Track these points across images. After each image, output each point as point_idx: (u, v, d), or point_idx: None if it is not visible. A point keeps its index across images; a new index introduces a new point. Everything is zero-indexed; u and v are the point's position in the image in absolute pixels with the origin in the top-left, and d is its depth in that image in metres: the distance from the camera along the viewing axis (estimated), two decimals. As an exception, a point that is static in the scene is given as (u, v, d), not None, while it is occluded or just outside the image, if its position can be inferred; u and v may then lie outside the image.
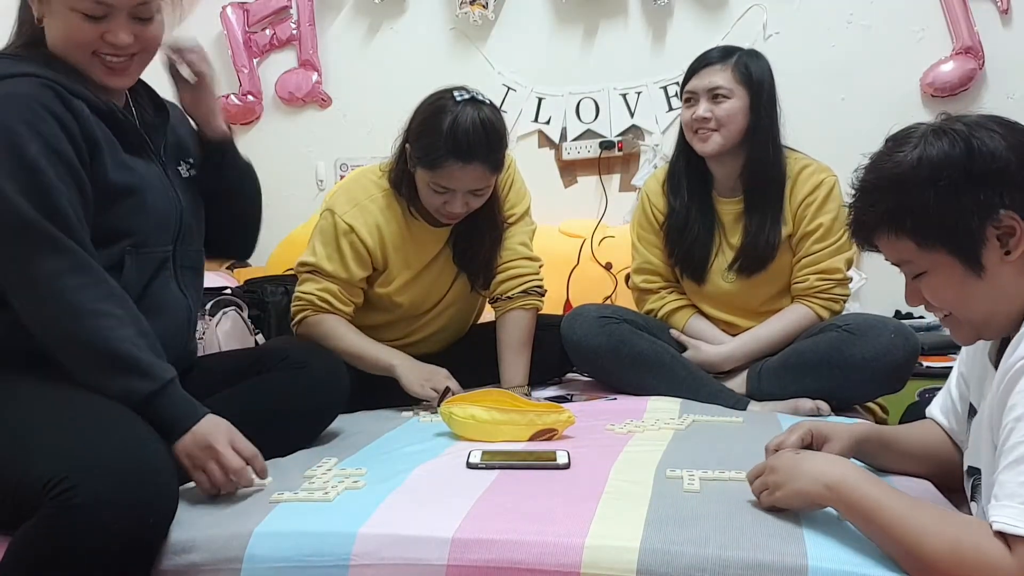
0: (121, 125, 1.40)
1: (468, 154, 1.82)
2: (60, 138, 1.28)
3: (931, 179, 1.04)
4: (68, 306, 1.25)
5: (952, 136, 1.05)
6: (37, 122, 1.27)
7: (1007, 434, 1.00)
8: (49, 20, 1.35)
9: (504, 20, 3.04)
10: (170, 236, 1.47)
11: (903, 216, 1.07)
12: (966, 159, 1.03)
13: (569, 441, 1.61)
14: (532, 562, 1.08)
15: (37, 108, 1.27)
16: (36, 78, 1.30)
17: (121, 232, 1.38)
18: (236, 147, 1.64)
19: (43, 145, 1.26)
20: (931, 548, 0.97)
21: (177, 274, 1.49)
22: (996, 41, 2.71)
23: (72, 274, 1.26)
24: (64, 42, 1.35)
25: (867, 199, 1.11)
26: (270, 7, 3.17)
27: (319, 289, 1.97)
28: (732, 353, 2.05)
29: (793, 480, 1.12)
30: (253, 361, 1.64)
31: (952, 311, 1.12)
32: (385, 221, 1.98)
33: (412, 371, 1.89)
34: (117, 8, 1.32)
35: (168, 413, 1.27)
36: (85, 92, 1.34)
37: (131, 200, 1.39)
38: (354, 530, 1.16)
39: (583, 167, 3.04)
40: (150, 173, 1.44)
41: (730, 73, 1.99)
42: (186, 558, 1.17)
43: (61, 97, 1.30)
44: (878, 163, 1.10)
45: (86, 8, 1.31)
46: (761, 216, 2.03)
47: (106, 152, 1.35)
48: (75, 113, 1.31)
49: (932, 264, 1.08)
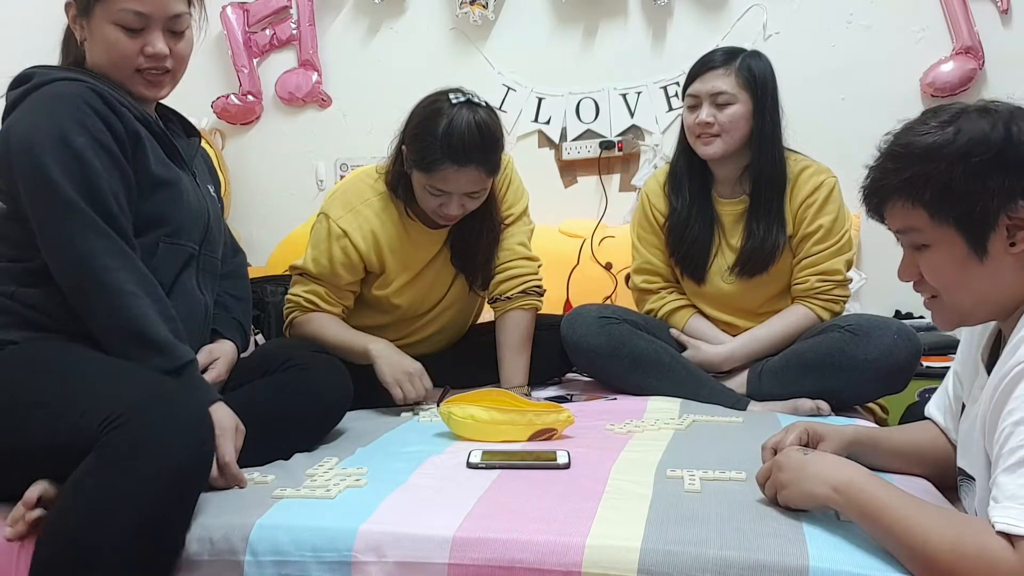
0: (158, 134, 1.51)
1: (464, 157, 1.81)
2: (105, 132, 1.39)
3: (964, 155, 1.04)
4: (102, 284, 1.35)
5: (994, 117, 1.05)
6: (83, 118, 1.38)
7: (1005, 438, 1.00)
8: (91, 40, 1.47)
9: (504, 20, 3.04)
10: (199, 235, 1.55)
11: (924, 185, 1.06)
12: (1003, 142, 1.03)
13: (569, 441, 1.61)
14: (534, 561, 1.09)
15: (84, 106, 1.38)
16: (82, 82, 1.41)
17: (158, 220, 1.47)
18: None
19: (89, 138, 1.37)
20: (935, 547, 0.97)
21: (199, 274, 1.57)
22: (996, 41, 2.71)
23: (109, 256, 1.36)
24: (107, 58, 1.47)
25: (891, 163, 1.10)
26: (270, 7, 3.17)
27: (307, 291, 1.99)
28: (732, 353, 2.05)
29: (800, 481, 1.13)
30: (256, 364, 1.65)
31: (943, 292, 1.12)
32: (381, 224, 1.98)
33: (388, 361, 1.86)
34: (154, 20, 1.45)
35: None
36: (127, 101, 1.46)
37: (170, 191, 1.49)
38: (356, 527, 1.16)
39: (583, 167, 3.04)
40: (182, 176, 1.54)
41: (733, 77, 1.99)
42: (189, 551, 1.18)
43: (105, 99, 1.41)
44: (912, 130, 1.10)
45: (126, 21, 1.44)
46: (766, 219, 2.03)
47: (148, 148, 1.46)
48: (118, 113, 1.42)
49: (937, 239, 1.08)
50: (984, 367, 1.17)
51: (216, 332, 1.62)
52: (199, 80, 3.15)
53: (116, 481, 1.12)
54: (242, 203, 3.20)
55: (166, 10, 1.46)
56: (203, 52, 3.19)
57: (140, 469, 1.12)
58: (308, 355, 1.68)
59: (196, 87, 3.01)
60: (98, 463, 1.13)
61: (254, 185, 3.26)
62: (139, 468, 1.12)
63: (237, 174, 3.25)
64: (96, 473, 1.13)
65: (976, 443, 1.11)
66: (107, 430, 1.14)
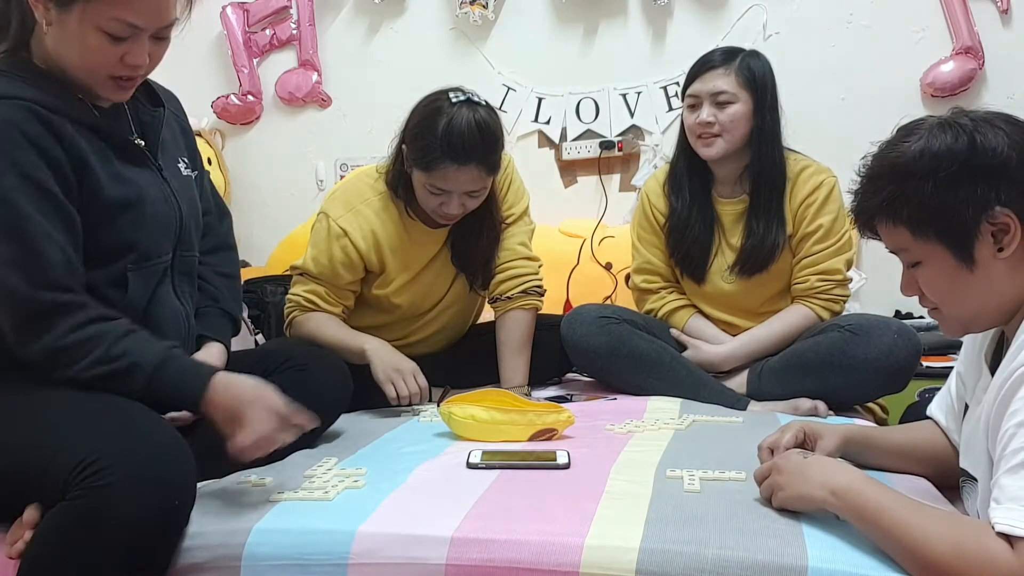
0: (110, 137, 1.35)
1: (463, 156, 1.81)
2: (39, 166, 1.22)
3: (931, 170, 1.05)
4: (70, 368, 1.24)
5: (957, 130, 1.06)
6: (12, 150, 1.21)
7: (1008, 439, 1.00)
8: (61, 35, 1.27)
9: (504, 20, 3.04)
10: (170, 244, 1.45)
11: (901, 205, 1.08)
12: (967, 153, 1.04)
13: (569, 441, 1.61)
14: (531, 561, 1.08)
15: (16, 136, 1.22)
16: (16, 100, 1.24)
17: (123, 247, 1.35)
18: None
19: (20, 179, 1.21)
20: (935, 550, 0.97)
21: (175, 282, 1.47)
22: (996, 41, 2.71)
23: (66, 334, 1.24)
24: (79, 61, 1.28)
25: (870, 186, 1.12)
26: (270, 7, 3.17)
27: (307, 291, 1.99)
28: (732, 353, 2.05)
29: (799, 484, 1.13)
30: (255, 364, 1.63)
31: (941, 305, 1.13)
32: (381, 224, 1.98)
33: (382, 359, 1.86)
34: (144, 30, 1.28)
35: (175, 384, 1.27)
36: (68, 109, 1.29)
37: (131, 213, 1.35)
38: (353, 528, 1.16)
39: (583, 167, 3.04)
40: (146, 181, 1.39)
41: (733, 77, 1.99)
42: (186, 555, 1.17)
43: (43, 119, 1.24)
44: (884, 152, 1.12)
45: (115, 29, 1.25)
46: (766, 218, 2.03)
47: (97, 168, 1.31)
48: (60, 136, 1.26)
49: (926, 254, 1.10)
50: (988, 368, 1.17)
51: (203, 336, 1.55)
52: (199, 80, 3.16)
53: (86, 538, 1.09)
54: (242, 203, 3.20)
55: (161, 21, 1.29)
56: (203, 52, 3.22)
57: (106, 529, 1.08)
58: (307, 355, 1.67)
59: (196, 87, 3.03)
60: (69, 514, 1.10)
61: (254, 185, 3.26)
62: (105, 529, 1.08)
63: (237, 174, 3.25)
64: (65, 526, 1.10)
65: (979, 444, 1.11)
66: (81, 475, 1.09)
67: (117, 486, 1.08)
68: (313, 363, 1.64)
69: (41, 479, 1.13)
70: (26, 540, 1.17)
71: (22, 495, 1.22)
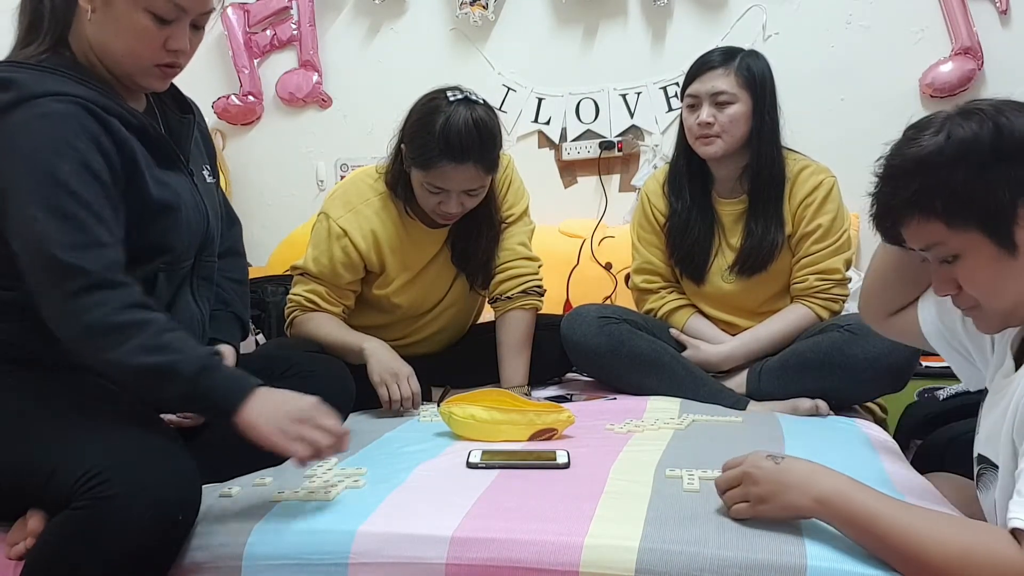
0: (153, 140, 1.37)
1: (461, 154, 1.82)
2: (95, 157, 1.24)
3: (960, 157, 1.03)
4: (105, 340, 1.20)
5: (980, 116, 1.04)
6: (73, 139, 1.22)
7: None
8: (106, 21, 1.28)
9: (504, 20, 3.04)
10: (197, 248, 1.46)
11: (932, 197, 1.05)
12: (995, 137, 1.02)
13: (569, 441, 1.61)
14: (531, 561, 1.09)
15: (79, 132, 1.23)
16: (74, 99, 1.24)
17: (158, 249, 1.37)
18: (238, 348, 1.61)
19: (78, 165, 1.21)
20: (938, 556, 0.96)
21: (194, 286, 1.48)
22: (995, 41, 2.71)
23: (119, 311, 1.21)
24: (126, 46, 1.29)
25: (892, 184, 1.09)
26: (270, 7, 3.17)
27: (307, 291, 2.00)
28: (732, 353, 2.05)
29: (780, 494, 1.08)
30: (258, 369, 1.63)
31: (982, 299, 1.09)
32: (381, 224, 1.99)
33: (379, 360, 1.86)
34: (188, 14, 1.30)
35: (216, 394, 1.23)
36: (118, 109, 1.30)
37: (171, 217, 1.37)
38: (353, 528, 1.16)
39: (583, 167, 3.04)
40: (182, 187, 1.41)
41: (733, 77, 1.99)
42: (187, 556, 1.18)
43: (100, 119, 1.26)
44: (902, 149, 1.09)
45: (162, 10, 1.27)
46: (765, 218, 2.03)
47: (144, 169, 1.33)
48: (113, 133, 1.27)
49: (964, 245, 1.06)
50: (1013, 358, 1.15)
51: (214, 338, 1.56)
52: (199, 80, 3.15)
53: (87, 550, 1.09)
54: (242, 203, 3.19)
55: (205, 5, 1.31)
56: (203, 52, 3.18)
57: (108, 542, 1.09)
58: (310, 361, 1.68)
59: (196, 87, 2.99)
60: (71, 524, 1.10)
61: (254, 185, 3.26)
62: (107, 541, 1.09)
63: (237, 174, 3.25)
64: (67, 537, 1.11)
65: (1005, 433, 1.08)
66: (85, 487, 1.09)
67: (121, 498, 1.09)
68: (316, 369, 1.64)
69: (46, 486, 1.14)
70: (28, 546, 1.18)
71: (25, 499, 1.22)
